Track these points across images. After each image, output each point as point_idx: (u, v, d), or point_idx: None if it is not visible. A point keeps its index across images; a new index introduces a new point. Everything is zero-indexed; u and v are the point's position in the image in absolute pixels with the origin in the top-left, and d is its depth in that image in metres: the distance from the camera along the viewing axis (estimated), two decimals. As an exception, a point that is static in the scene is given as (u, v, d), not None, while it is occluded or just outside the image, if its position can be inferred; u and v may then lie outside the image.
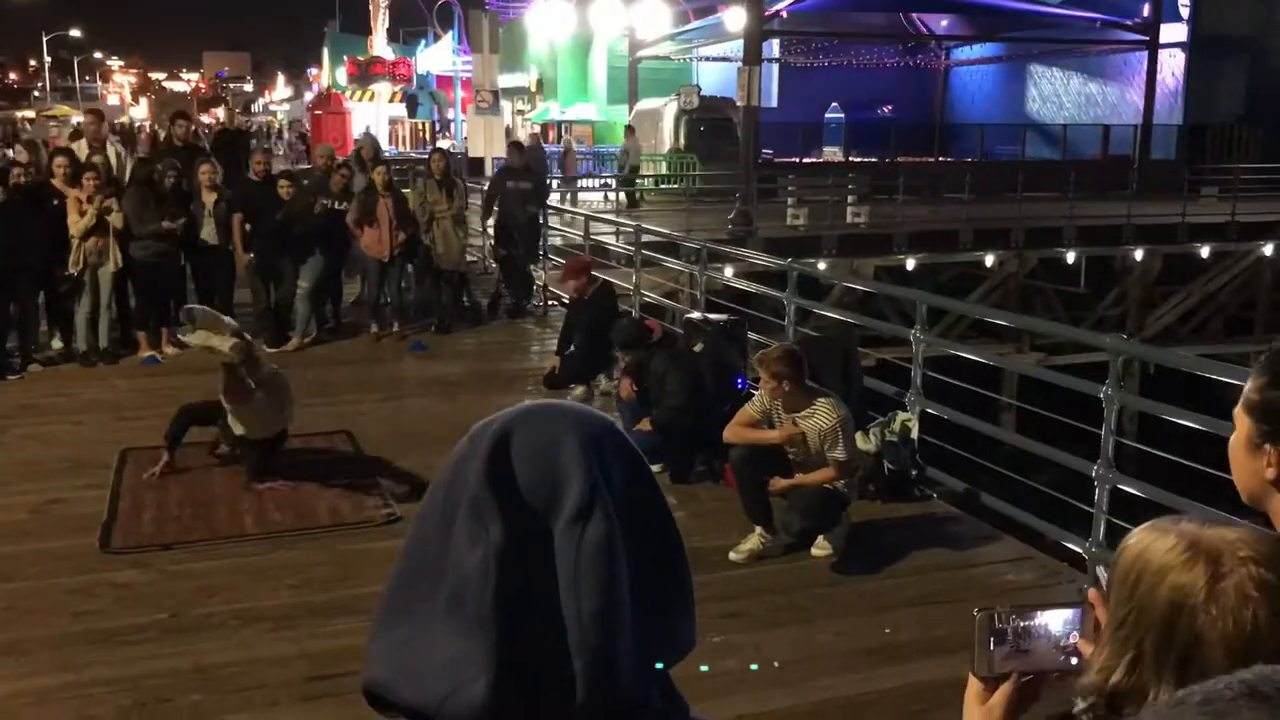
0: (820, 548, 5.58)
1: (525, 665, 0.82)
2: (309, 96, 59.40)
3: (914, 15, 37.12)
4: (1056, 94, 35.92)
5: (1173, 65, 31.05)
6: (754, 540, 5.58)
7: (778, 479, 5.58)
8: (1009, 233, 19.54)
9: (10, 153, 11.92)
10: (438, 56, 41.04)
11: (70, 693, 4.17)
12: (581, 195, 24.37)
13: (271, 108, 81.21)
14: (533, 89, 42.04)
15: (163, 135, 15.58)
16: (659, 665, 0.89)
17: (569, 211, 14.56)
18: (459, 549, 0.84)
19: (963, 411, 6.78)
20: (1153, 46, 30.11)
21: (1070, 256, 19.56)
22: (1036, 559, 5.69)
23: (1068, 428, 5.87)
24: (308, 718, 4.12)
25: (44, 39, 78.19)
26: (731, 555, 5.53)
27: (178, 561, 5.45)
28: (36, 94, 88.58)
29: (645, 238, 11.67)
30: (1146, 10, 30.24)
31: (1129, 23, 30.41)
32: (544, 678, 0.82)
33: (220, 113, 60.82)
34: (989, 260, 19.17)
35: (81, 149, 10.48)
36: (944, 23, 37.53)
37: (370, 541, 5.68)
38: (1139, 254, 19.76)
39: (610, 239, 15.08)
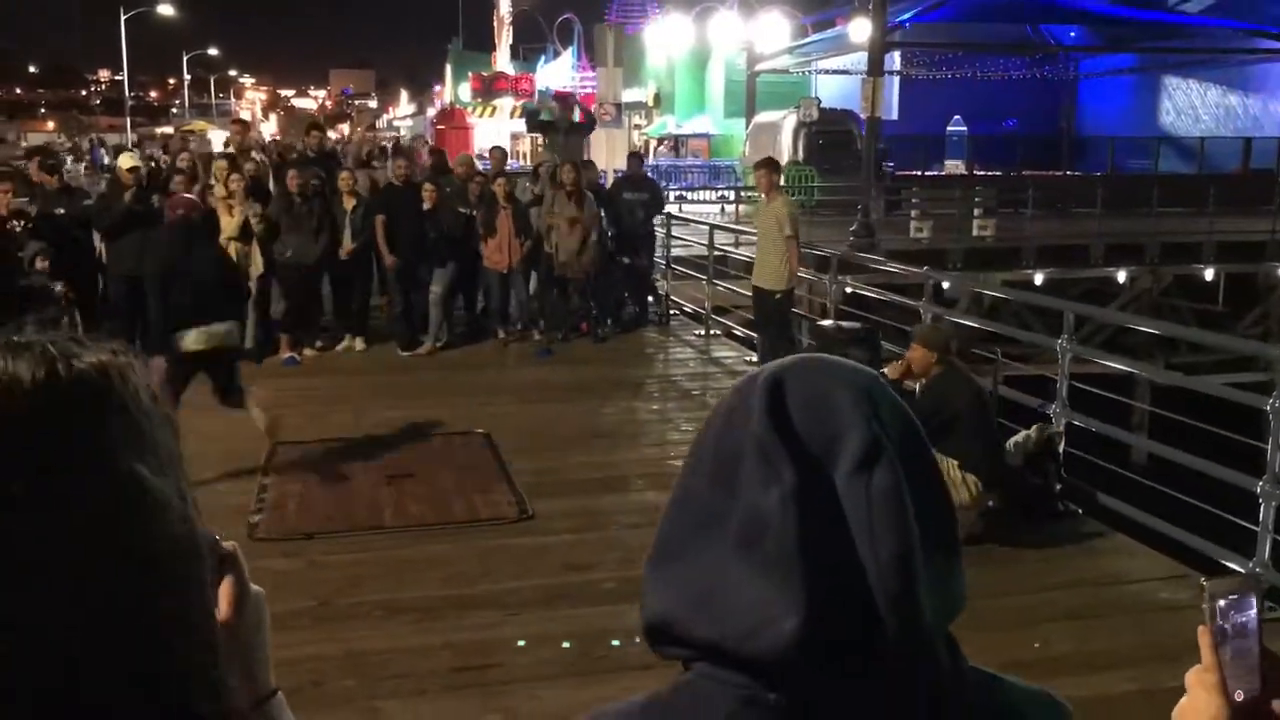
0: None
1: (826, 604, 0.81)
2: (431, 112, 60.82)
3: (1042, 26, 36.19)
4: (1193, 106, 34.62)
5: (1322, 75, 29.69)
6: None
7: None
8: (1142, 248, 18.86)
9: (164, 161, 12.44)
10: (557, 72, 41.62)
11: (230, 672, 4.31)
12: (695, 207, 24.37)
13: (395, 123, 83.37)
14: (650, 103, 42.34)
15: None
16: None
17: (694, 221, 14.59)
18: (750, 491, 0.84)
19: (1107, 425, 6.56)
20: (1300, 55, 28.81)
21: (1209, 273, 18.76)
22: (1192, 578, 5.44)
23: (1217, 446, 5.64)
24: (454, 706, 4.19)
25: (184, 58, 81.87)
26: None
27: (325, 552, 5.60)
28: (174, 110, 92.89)
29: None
30: (1293, 17, 28.96)
31: (1275, 31, 29.13)
32: (844, 618, 0.81)
33: (345, 128, 62.85)
34: (1121, 276, 18.51)
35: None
36: (1073, 34, 36.52)
37: (507, 538, 5.75)
38: (1283, 271, 18.88)
39: (731, 248, 15.03)
